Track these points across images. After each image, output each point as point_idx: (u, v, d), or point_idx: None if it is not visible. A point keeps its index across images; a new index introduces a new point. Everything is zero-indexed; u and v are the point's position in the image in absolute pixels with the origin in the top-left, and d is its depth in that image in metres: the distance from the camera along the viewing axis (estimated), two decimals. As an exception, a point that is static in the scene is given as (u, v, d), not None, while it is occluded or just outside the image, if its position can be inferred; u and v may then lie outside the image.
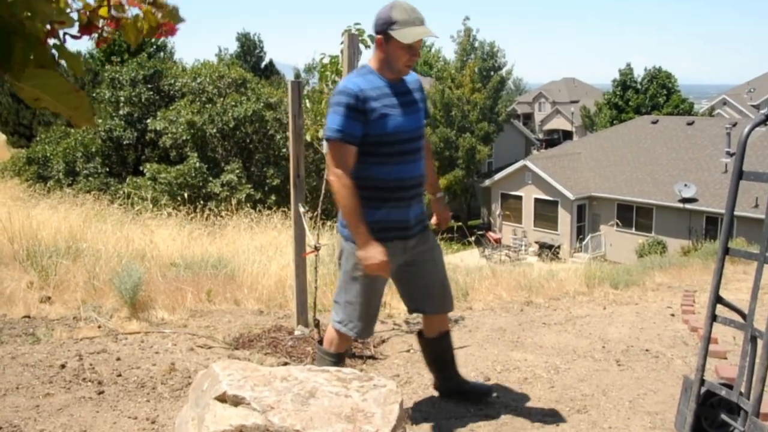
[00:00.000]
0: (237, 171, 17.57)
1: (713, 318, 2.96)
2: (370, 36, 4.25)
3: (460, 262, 9.38)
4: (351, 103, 2.83)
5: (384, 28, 2.89)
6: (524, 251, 30.84)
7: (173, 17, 1.40)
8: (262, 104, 18.42)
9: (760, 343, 2.71)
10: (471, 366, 4.07)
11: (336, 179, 2.84)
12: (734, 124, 30.81)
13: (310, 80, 43.81)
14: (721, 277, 2.95)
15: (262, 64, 43.53)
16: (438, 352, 3.41)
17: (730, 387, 2.88)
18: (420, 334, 3.43)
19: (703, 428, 2.94)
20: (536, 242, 31.54)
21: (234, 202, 13.54)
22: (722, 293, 3.04)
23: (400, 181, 2.96)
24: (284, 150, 17.67)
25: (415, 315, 5.49)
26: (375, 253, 2.83)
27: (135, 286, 4.91)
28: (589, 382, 3.75)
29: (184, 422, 2.61)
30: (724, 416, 2.92)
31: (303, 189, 4.60)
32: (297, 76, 38.92)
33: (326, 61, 4.63)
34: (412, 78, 3.10)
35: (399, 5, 2.89)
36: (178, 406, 3.18)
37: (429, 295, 3.21)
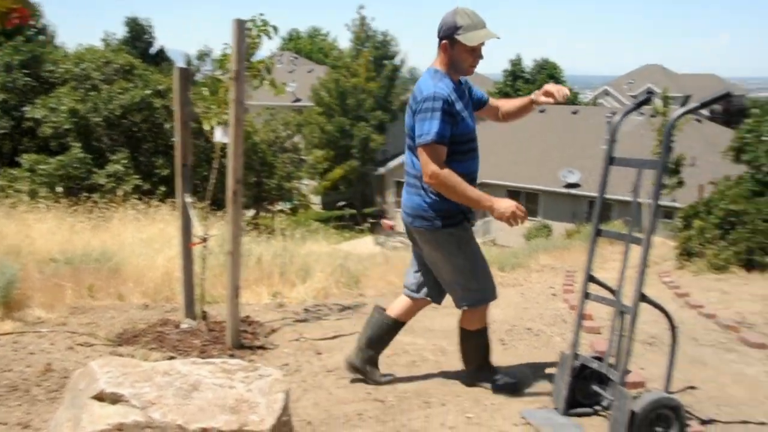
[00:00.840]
0: (124, 161, 16.84)
1: (585, 296, 3.13)
2: (273, 26, 4.43)
3: (353, 249, 9.45)
4: (445, 108, 3.05)
5: (450, 33, 3.12)
6: (419, 237, 31.24)
7: (24, 3, 1.33)
8: (150, 92, 17.71)
9: (627, 318, 2.89)
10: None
11: (441, 177, 3.03)
12: (614, 113, 32.45)
13: (203, 68, 42.57)
14: (593, 257, 3.12)
15: (152, 51, 41.93)
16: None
17: (601, 360, 3.07)
18: (400, 321, 3.54)
19: (577, 400, 3.11)
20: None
21: (120, 193, 13.01)
22: (601, 272, 3.22)
23: (471, 174, 3.22)
24: (173, 140, 17.12)
25: (310, 304, 5.51)
26: (506, 203, 3.07)
27: (8, 284, 4.64)
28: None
29: (59, 424, 2.51)
30: (595, 387, 3.10)
31: (190, 178, 4.49)
32: (188, 63, 37.70)
33: (230, 51, 4.51)
34: (462, 79, 3.31)
35: (462, 11, 3.11)
36: (54, 409, 3.05)
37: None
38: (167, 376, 2.53)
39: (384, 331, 3.52)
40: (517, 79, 49.71)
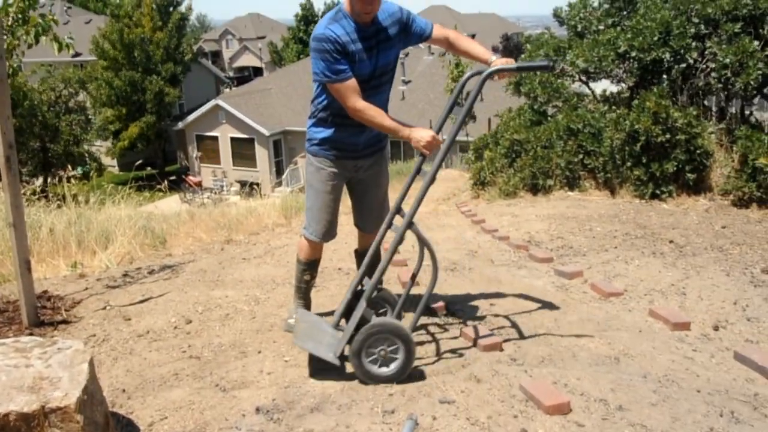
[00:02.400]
0: None
1: (389, 226, 3.22)
2: None
3: (155, 209, 9.06)
4: (330, 48, 3.09)
5: None
6: (226, 192, 30.72)
7: None
8: None
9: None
10: (172, 311, 4.01)
11: (359, 111, 3.14)
12: (407, 54, 33.46)
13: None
14: (406, 192, 3.24)
15: None
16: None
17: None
18: (356, 250, 3.81)
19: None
20: (237, 181, 31.59)
21: None
22: (406, 207, 3.34)
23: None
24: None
25: (114, 270, 5.23)
26: (422, 132, 3.10)
27: None
28: (288, 307, 3.93)
29: None
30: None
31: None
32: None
33: None
34: (384, 15, 3.25)
35: None
36: None
37: (368, 214, 3.60)
38: (-48, 365, 2.30)
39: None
40: (310, 24, 49.42)
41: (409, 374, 2.95)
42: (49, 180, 16.43)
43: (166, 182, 8.76)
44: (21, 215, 3.75)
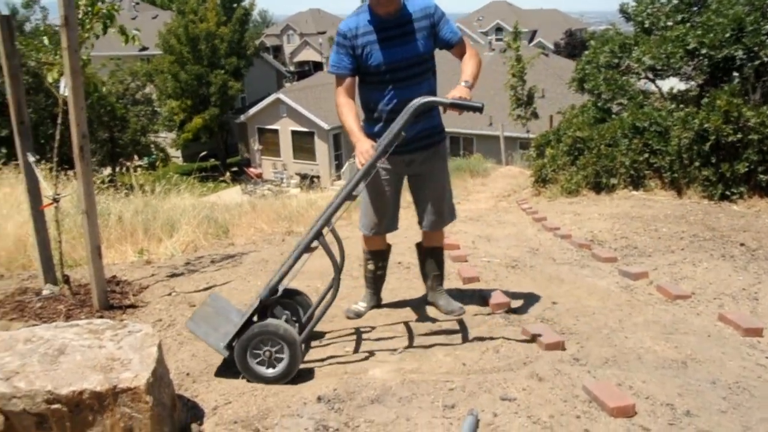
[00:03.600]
0: (-48, 124, 15.41)
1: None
2: None
3: (218, 199, 9.24)
4: (340, 41, 3.28)
5: None
6: (286, 184, 31.12)
7: None
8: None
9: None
10: (235, 300, 4.08)
11: (337, 105, 3.34)
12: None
13: (32, 17, 39.01)
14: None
15: (-31, 0, 38.07)
16: (424, 263, 3.76)
17: None
18: (418, 244, 3.81)
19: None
20: (297, 174, 31.94)
21: (-48, 159, 11.90)
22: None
23: (398, 102, 3.27)
24: (6, 96, 15.75)
25: (179, 258, 5.36)
26: (361, 145, 3.14)
27: None
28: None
29: None
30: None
31: (30, 136, 4.18)
32: (14, 12, 34.59)
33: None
34: (417, 7, 3.28)
35: None
36: None
37: (423, 209, 3.57)
38: (29, 344, 2.40)
39: (423, 264, 3.86)
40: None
41: (470, 369, 2.94)
42: (117, 169, 16.95)
43: (228, 173, 8.92)
44: (93, 203, 3.87)
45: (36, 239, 4.30)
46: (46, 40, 4.23)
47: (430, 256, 3.74)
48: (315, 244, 3.06)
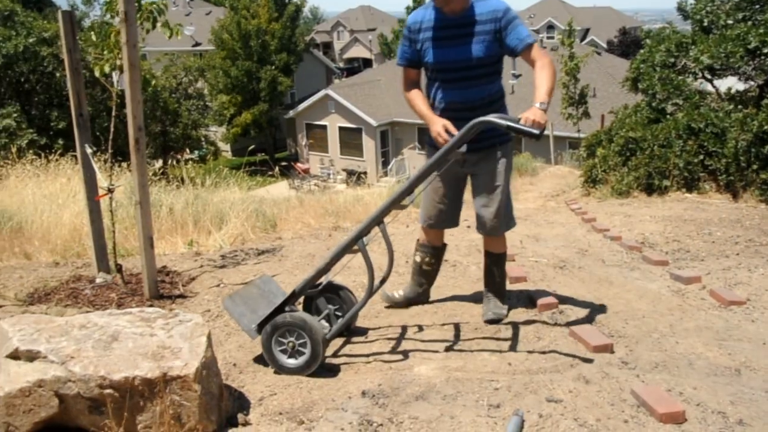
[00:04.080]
0: (15, 115, 15.87)
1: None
2: None
3: (267, 194, 9.35)
4: (405, 33, 3.36)
5: None
6: (332, 179, 31.31)
7: None
8: (35, 39, 16.62)
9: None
10: (282, 293, 4.13)
11: (405, 96, 3.40)
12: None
13: (91, 13, 40.08)
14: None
15: (33, -4, 39.23)
16: (485, 266, 3.73)
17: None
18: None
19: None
20: (343, 170, 32.10)
21: (14, 149, 12.31)
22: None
23: (448, 103, 3.30)
24: (67, 90, 16.22)
25: (227, 250, 5.44)
26: (434, 125, 3.17)
27: None
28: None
29: (-28, 386, 2.42)
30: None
31: (88, 128, 4.29)
32: (74, 8, 35.53)
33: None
34: (486, 9, 3.20)
35: None
36: (-35, 371, 2.92)
37: (476, 211, 3.51)
38: (84, 330, 2.47)
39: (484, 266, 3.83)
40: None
41: (516, 370, 2.91)
42: (168, 162, 17.28)
43: (277, 168, 9.01)
44: (146, 194, 3.96)
45: (91, 228, 4.41)
46: (93, 36, 4.31)
47: (486, 258, 3.70)
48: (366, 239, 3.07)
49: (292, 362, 2.93)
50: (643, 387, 2.67)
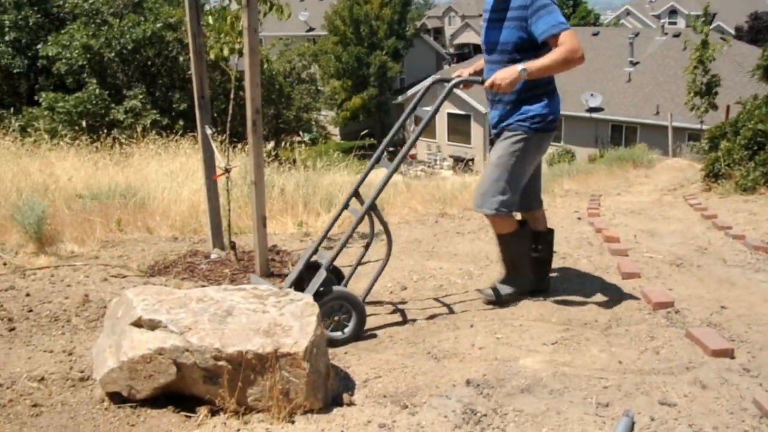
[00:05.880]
0: (140, 97, 16.78)
1: (345, 206, 3.63)
2: None
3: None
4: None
5: None
6: (439, 166, 31.24)
7: None
8: (161, 24, 17.47)
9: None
10: (388, 277, 4.17)
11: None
12: (636, 34, 31.62)
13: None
14: (365, 178, 3.75)
15: (160, -17, 41.20)
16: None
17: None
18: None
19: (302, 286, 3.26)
20: (450, 156, 31.96)
21: (139, 129, 13.02)
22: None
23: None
24: (189, 73, 16.95)
25: (335, 232, 5.54)
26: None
27: (39, 219, 4.71)
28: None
29: (101, 351, 2.59)
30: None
31: (209, 110, 4.47)
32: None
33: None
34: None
35: None
36: (94, 337, 3.13)
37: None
38: (201, 303, 2.58)
39: None
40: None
41: (627, 369, 2.81)
42: (281, 143, 17.77)
43: (386, 153, 9.07)
44: (261, 175, 4.08)
45: (208, 206, 4.61)
46: (210, 20, 4.44)
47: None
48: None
49: (338, 334, 3.15)
50: (766, 397, 2.50)
